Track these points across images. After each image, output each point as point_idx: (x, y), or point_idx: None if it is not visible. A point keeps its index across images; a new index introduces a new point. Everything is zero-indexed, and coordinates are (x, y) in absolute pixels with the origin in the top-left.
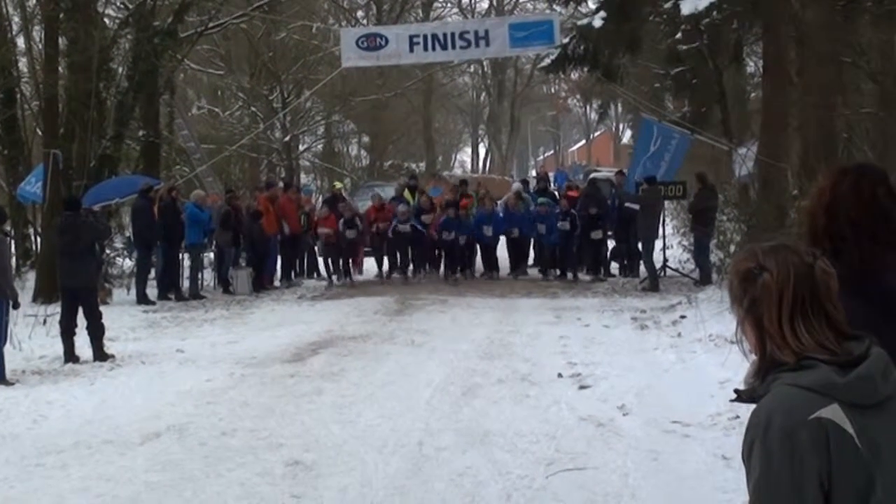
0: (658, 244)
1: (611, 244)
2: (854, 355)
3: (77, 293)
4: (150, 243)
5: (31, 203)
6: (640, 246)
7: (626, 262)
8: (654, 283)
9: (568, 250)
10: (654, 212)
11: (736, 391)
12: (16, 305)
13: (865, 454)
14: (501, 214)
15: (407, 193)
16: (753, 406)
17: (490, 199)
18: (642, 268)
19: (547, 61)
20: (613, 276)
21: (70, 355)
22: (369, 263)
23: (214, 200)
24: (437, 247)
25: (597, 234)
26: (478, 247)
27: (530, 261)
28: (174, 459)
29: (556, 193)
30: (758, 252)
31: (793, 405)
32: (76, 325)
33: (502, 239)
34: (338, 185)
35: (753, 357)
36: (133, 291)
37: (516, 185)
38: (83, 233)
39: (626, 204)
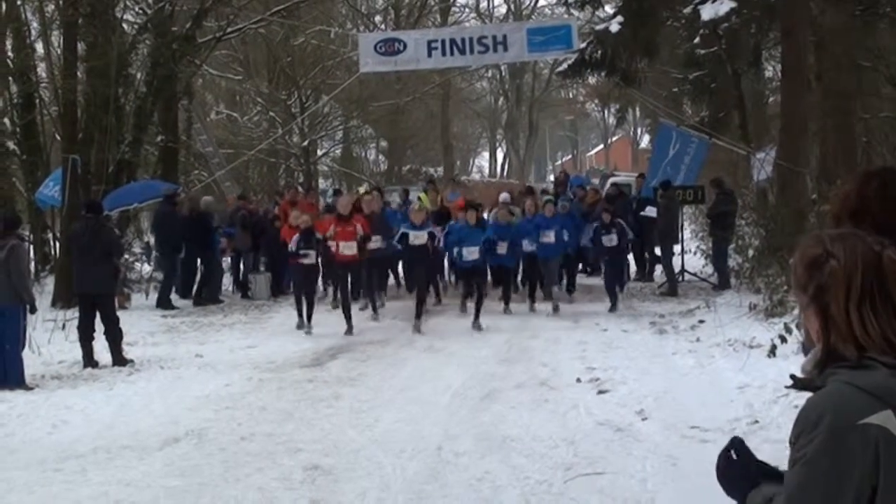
0: (676, 249)
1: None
2: None
3: (94, 298)
4: (177, 249)
5: (49, 207)
6: (657, 251)
7: (645, 267)
8: (672, 288)
9: (616, 270)
10: (673, 217)
11: (793, 377)
12: (32, 310)
13: None
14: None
15: (424, 197)
16: (772, 411)
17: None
18: (658, 272)
19: (564, 66)
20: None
21: (89, 360)
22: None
23: (230, 203)
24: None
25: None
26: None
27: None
28: (193, 465)
29: (572, 198)
30: (824, 238)
31: (845, 406)
32: (94, 330)
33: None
34: (361, 189)
35: (817, 345)
36: (152, 297)
37: (504, 196)
38: (101, 238)
39: (642, 213)
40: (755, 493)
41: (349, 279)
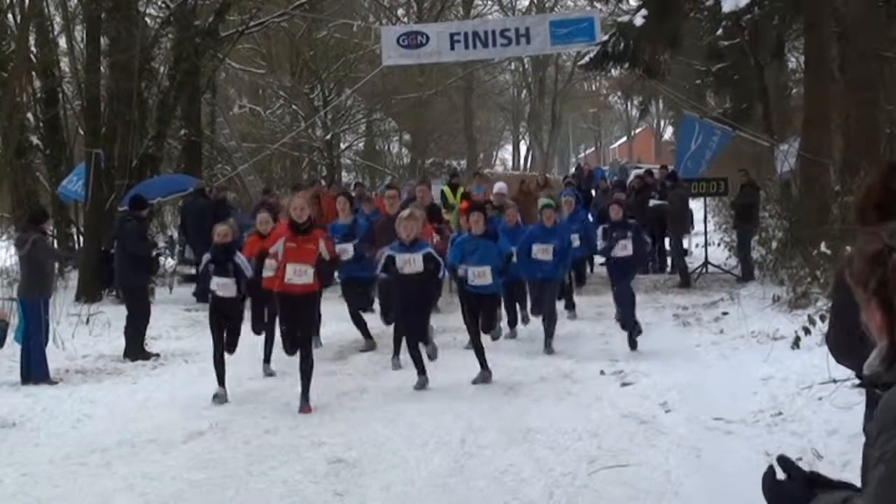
0: (700, 240)
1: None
2: None
3: (124, 292)
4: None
5: (72, 201)
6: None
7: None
8: (684, 279)
9: (625, 290)
10: (682, 208)
11: (858, 376)
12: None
13: None
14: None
15: (448, 191)
16: (796, 403)
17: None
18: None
19: (587, 59)
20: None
21: (131, 351)
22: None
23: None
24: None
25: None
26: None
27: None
28: (217, 458)
29: (593, 192)
30: (883, 234)
31: None
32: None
33: None
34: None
35: (880, 341)
36: (176, 291)
37: (499, 186)
38: (126, 234)
39: (650, 204)
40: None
41: (298, 322)
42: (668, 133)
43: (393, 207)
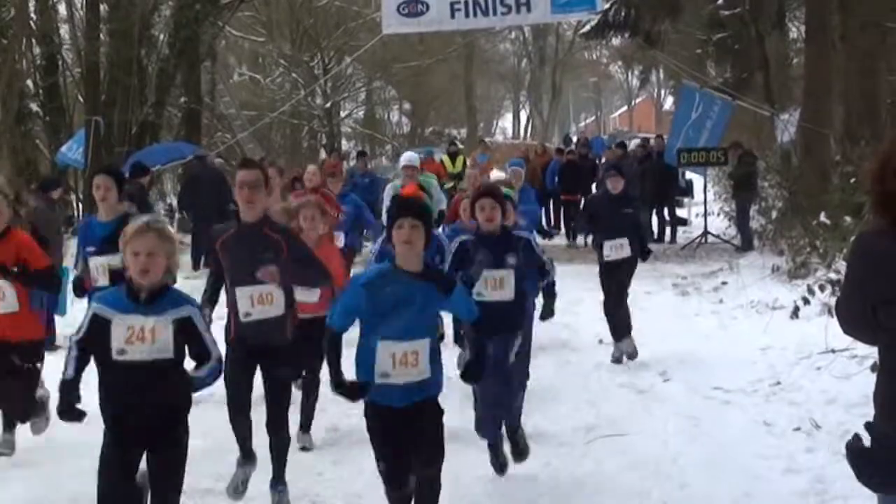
0: (699, 210)
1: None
2: None
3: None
4: (205, 212)
5: (70, 168)
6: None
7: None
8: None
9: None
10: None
11: None
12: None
13: None
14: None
15: (447, 160)
16: (794, 372)
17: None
18: (680, 233)
19: (588, 27)
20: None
21: None
22: None
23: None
24: None
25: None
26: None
27: None
28: (216, 425)
29: (596, 162)
30: None
31: None
32: None
33: None
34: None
35: None
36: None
37: (408, 156)
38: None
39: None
40: None
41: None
42: (669, 103)
43: (253, 210)
